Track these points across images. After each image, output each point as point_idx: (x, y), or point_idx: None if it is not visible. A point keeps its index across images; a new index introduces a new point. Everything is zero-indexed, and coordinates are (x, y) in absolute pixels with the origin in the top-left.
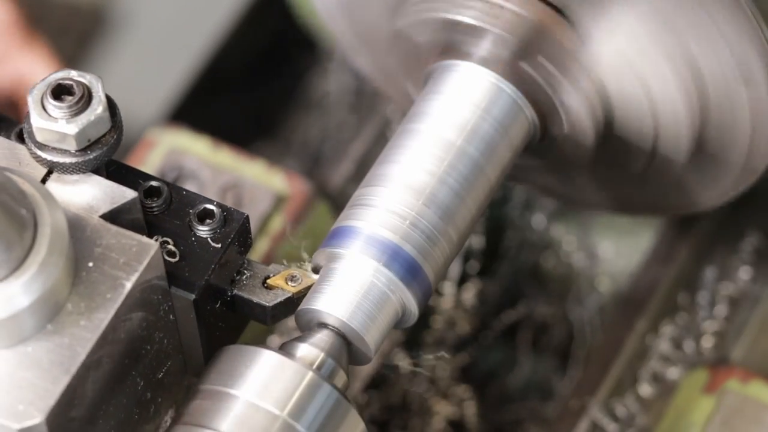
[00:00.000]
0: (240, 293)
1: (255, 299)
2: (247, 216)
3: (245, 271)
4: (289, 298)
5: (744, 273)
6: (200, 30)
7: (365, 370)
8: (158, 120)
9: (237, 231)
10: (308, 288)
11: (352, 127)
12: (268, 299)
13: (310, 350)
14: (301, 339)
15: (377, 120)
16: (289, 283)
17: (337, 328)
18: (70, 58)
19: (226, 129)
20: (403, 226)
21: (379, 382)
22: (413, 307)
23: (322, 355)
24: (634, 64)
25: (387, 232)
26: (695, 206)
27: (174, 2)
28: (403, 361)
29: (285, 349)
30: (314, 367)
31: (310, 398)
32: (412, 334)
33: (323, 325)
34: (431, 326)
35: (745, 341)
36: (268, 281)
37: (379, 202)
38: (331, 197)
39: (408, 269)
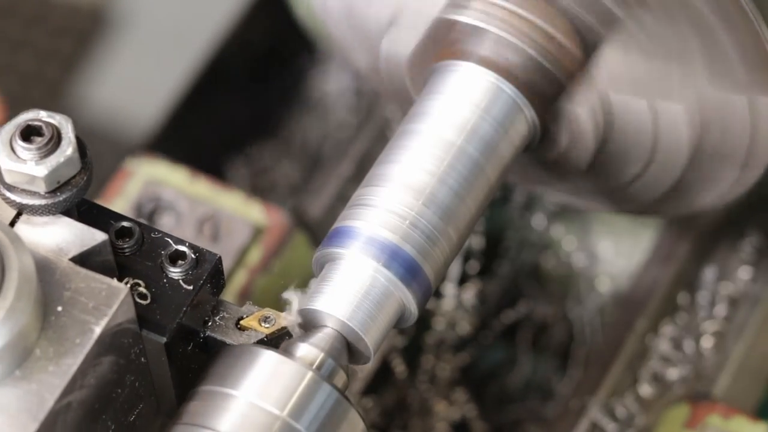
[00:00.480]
0: (213, 335)
1: (228, 341)
2: (220, 257)
3: (218, 312)
4: (261, 339)
5: (744, 273)
6: (200, 30)
7: (366, 371)
8: (158, 120)
9: (209, 272)
10: (281, 330)
11: (352, 127)
12: (241, 341)
13: (310, 350)
14: (301, 339)
15: (377, 120)
16: (263, 324)
17: (336, 328)
18: (70, 58)
19: (226, 129)
20: (403, 226)
21: (379, 382)
22: (413, 307)
23: (322, 355)
24: (632, 62)
25: (387, 232)
26: (695, 206)
27: (174, 2)
28: (403, 362)
29: (285, 349)
30: (314, 367)
31: (310, 398)
32: (413, 335)
33: (323, 325)
34: (431, 327)
35: (745, 341)
36: (242, 322)
37: (379, 202)
38: (310, 227)
39: (408, 269)
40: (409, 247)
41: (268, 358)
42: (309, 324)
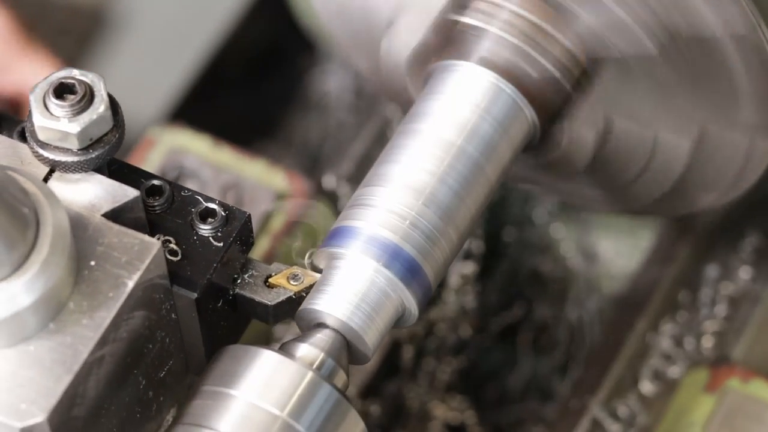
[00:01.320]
0: (242, 292)
1: (257, 298)
2: (249, 215)
3: (247, 270)
4: (290, 297)
5: (744, 272)
6: (200, 30)
7: (366, 372)
8: (158, 120)
9: (239, 230)
10: (310, 287)
11: (352, 127)
12: (270, 298)
13: (310, 350)
14: (300, 339)
15: (377, 120)
16: (291, 281)
17: (336, 328)
18: (70, 59)
19: (226, 129)
20: (403, 226)
21: (379, 385)
22: (413, 307)
23: (322, 355)
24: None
25: (387, 232)
26: (695, 206)
27: (174, 2)
28: (403, 363)
29: (285, 349)
30: (314, 367)
31: (310, 398)
32: (412, 336)
33: (323, 325)
34: (432, 328)
35: (745, 341)
36: (270, 280)
37: (379, 202)
38: (331, 197)
39: (408, 269)
40: (410, 247)
41: (268, 358)
42: (309, 324)
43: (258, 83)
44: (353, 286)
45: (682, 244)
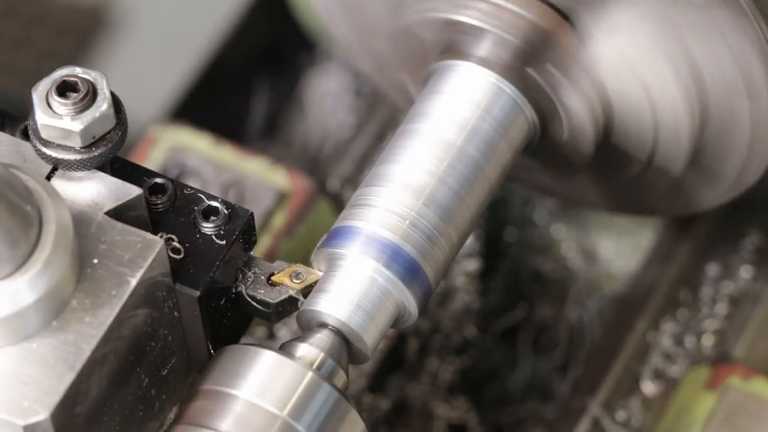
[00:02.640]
0: (244, 290)
1: (259, 296)
2: (252, 213)
3: (250, 268)
4: (293, 294)
5: (745, 272)
6: (200, 30)
7: (370, 366)
8: (158, 120)
9: (242, 228)
10: (313, 285)
11: (352, 127)
12: (272, 296)
13: (310, 350)
14: (301, 339)
15: (377, 120)
16: (294, 280)
17: (336, 328)
18: (70, 58)
19: (226, 129)
20: (403, 226)
21: (383, 380)
22: (413, 308)
23: (322, 355)
24: (635, 66)
25: (387, 232)
26: (695, 206)
27: (174, 2)
28: (408, 357)
29: (285, 349)
30: (314, 367)
31: (310, 398)
32: (416, 335)
33: (323, 325)
34: (435, 328)
35: (746, 340)
36: (273, 278)
37: (379, 202)
38: (332, 195)
39: (408, 269)
40: (410, 247)
41: (268, 358)
42: (309, 324)
43: (258, 83)
44: (353, 287)
45: (682, 243)
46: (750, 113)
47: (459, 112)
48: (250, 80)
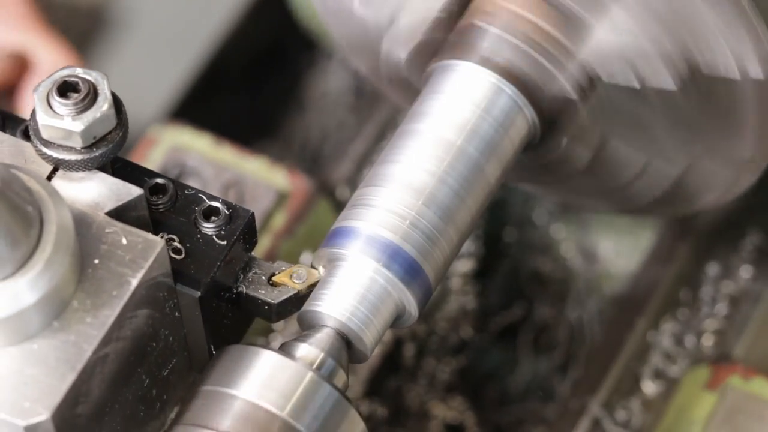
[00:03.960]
0: (245, 290)
1: (260, 296)
2: (253, 213)
3: (250, 268)
4: (294, 295)
5: (745, 272)
6: (200, 30)
7: (367, 370)
8: (158, 120)
9: (242, 228)
10: (314, 285)
11: (352, 127)
12: (273, 296)
13: (310, 350)
14: (301, 339)
15: (377, 120)
16: (295, 280)
17: (336, 329)
18: None
19: (226, 129)
20: (403, 226)
21: (379, 383)
22: (413, 308)
23: (322, 355)
24: (635, 65)
25: (387, 232)
26: (696, 206)
27: (174, 2)
28: (404, 361)
29: (285, 349)
30: (314, 367)
31: (310, 398)
32: (413, 336)
33: (323, 325)
34: (432, 329)
35: (746, 340)
36: (274, 278)
37: (379, 202)
38: (332, 195)
39: (408, 269)
40: (410, 247)
41: (268, 358)
42: (310, 324)
43: (258, 83)
44: (353, 287)
45: (682, 243)
46: (749, 102)
47: (459, 112)
48: (250, 80)
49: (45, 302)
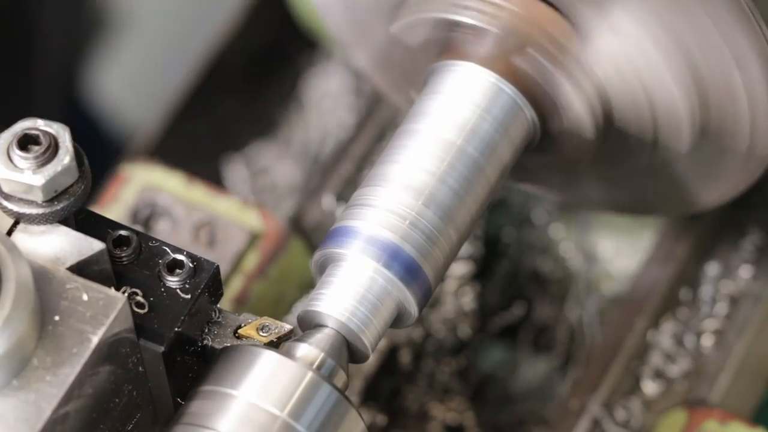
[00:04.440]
0: (211, 343)
1: None
2: (218, 266)
3: (216, 321)
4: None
5: (745, 271)
6: (200, 30)
7: (365, 375)
8: (158, 120)
9: (207, 281)
10: (281, 337)
11: (352, 127)
12: None
13: (310, 350)
14: (301, 339)
15: (377, 120)
16: (261, 333)
17: (336, 329)
18: (70, 58)
19: (227, 129)
20: (403, 226)
21: (378, 385)
22: (412, 308)
23: (322, 355)
24: (635, 64)
25: (387, 232)
26: (697, 206)
27: (174, 3)
28: (403, 364)
29: (285, 349)
30: (314, 367)
31: (310, 398)
32: (413, 336)
33: (323, 326)
34: (429, 330)
35: (746, 340)
36: (240, 331)
37: (379, 202)
38: (307, 233)
39: (407, 269)
40: (409, 247)
41: (268, 358)
42: (309, 324)
43: (258, 83)
44: (353, 287)
45: (683, 243)
46: (746, 95)
47: (459, 111)
48: (250, 80)
49: (4, 360)
